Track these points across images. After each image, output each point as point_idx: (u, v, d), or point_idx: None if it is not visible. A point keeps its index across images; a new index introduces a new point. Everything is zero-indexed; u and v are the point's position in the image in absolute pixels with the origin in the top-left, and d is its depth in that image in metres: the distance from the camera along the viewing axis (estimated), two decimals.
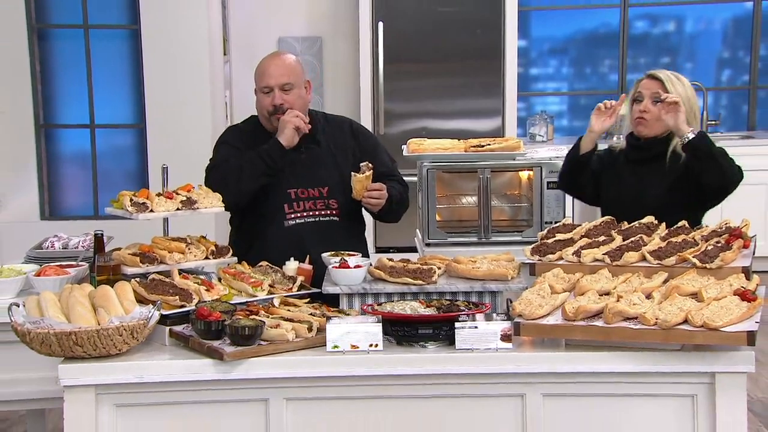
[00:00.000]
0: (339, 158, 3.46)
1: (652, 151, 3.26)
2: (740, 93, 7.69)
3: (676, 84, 3.20)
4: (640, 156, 3.29)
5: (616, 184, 3.31)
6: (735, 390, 2.42)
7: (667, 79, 3.21)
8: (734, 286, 2.51)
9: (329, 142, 3.47)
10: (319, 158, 3.41)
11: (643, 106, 3.22)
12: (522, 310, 2.50)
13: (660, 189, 3.20)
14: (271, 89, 3.36)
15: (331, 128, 3.52)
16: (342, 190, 3.39)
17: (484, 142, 3.82)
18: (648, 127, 3.23)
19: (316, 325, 2.55)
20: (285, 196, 3.38)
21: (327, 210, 3.41)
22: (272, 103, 3.36)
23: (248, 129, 3.53)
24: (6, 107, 6.37)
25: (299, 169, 3.38)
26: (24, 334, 2.44)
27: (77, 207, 6.88)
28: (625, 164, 3.32)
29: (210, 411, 2.49)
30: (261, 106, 3.41)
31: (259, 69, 3.43)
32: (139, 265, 2.88)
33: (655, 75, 3.24)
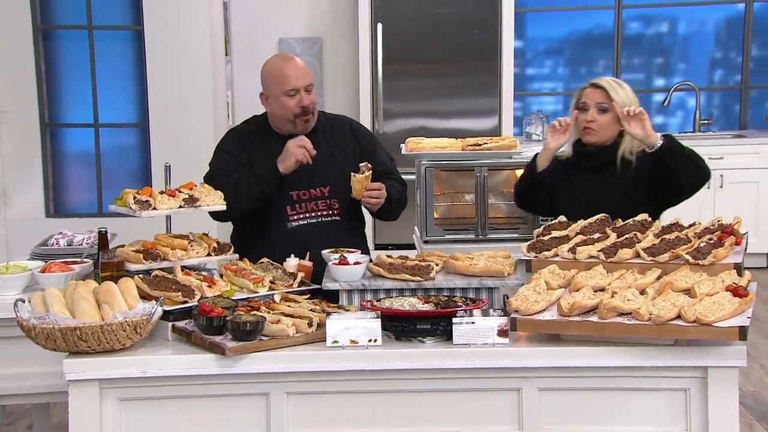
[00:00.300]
0: (339, 158, 3.46)
1: (603, 159, 3.28)
2: (732, 93, 7.72)
3: (619, 91, 3.23)
4: (590, 164, 3.30)
5: (569, 193, 3.31)
6: (727, 384, 2.43)
7: (610, 87, 3.23)
8: (726, 282, 2.52)
9: (330, 142, 3.48)
10: (320, 158, 3.40)
11: (590, 116, 3.24)
12: (518, 305, 2.51)
13: (614, 196, 3.21)
14: (297, 91, 3.33)
15: (332, 128, 3.52)
16: (343, 189, 3.39)
17: (481, 141, 3.84)
18: (596, 135, 3.25)
19: (316, 320, 2.55)
20: (288, 198, 3.39)
21: (329, 210, 3.43)
22: (300, 105, 3.34)
23: (250, 130, 3.52)
24: (12, 107, 6.40)
25: (301, 170, 3.37)
26: (29, 330, 2.45)
27: (82, 205, 6.91)
28: (576, 172, 3.32)
29: (212, 405, 2.50)
30: (285, 108, 3.35)
31: (275, 73, 3.38)
32: (143, 261, 2.91)
33: (598, 84, 3.26)
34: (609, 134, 3.26)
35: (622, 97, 3.23)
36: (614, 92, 3.23)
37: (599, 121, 3.24)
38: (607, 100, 3.23)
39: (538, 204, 3.43)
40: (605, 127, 3.24)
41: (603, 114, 3.24)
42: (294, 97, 3.34)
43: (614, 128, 3.26)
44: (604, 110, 3.23)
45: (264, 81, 3.43)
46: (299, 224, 3.39)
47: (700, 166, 3.18)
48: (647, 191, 3.22)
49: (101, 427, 2.45)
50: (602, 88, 3.24)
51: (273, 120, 3.46)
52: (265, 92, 3.43)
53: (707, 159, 3.34)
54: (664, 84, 7.70)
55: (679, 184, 3.17)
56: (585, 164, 3.30)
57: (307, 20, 7.36)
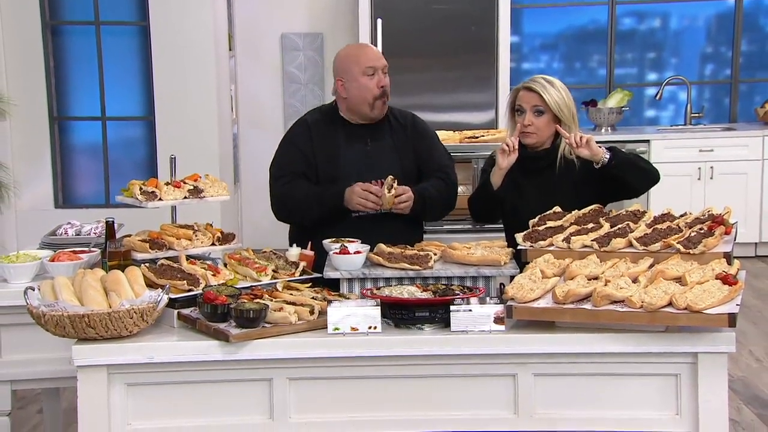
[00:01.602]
0: (401, 152, 3.45)
1: (545, 161, 3.29)
2: (722, 87, 7.75)
3: (551, 91, 3.22)
4: (533, 166, 3.30)
5: (517, 194, 3.30)
6: (717, 369, 2.46)
7: (542, 90, 3.21)
8: (716, 270, 2.54)
9: (393, 135, 3.46)
10: (383, 151, 3.41)
11: (527, 120, 3.23)
12: (514, 293, 2.53)
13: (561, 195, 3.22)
14: (375, 70, 3.32)
15: (397, 121, 3.49)
16: (404, 182, 3.37)
17: (478, 134, 3.87)
18: (534, 138, 3.26)
19: (317, 308, 2.58)
20: None
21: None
22: (379, 85, 3.33)
23: (316, 119, 3.47)
24: (21, 100, 6.44)
25: (366, 162, 3.38)
26: (39, 317, 2.48)
27: (89, 196, 6.94)
28: (519, 174, 3.29)
29: (216, 390, 2.52)
30: (366, 89, 3.33)
31: (352, 55, 3.37)
32: (149, 251, 2.94)
33: (531, 87, 3.24)
34: (546, 134, 3.26)
35: (555, 98, 3.22)
36: (547, 95, 3.21)
37: (536, 123, 3.24)
38: (541, 102, 3.22)
39: (493, 215, 3.42)
40: (542, 129, 3.24)
41: (539, 116, 3.23)
42: (373, 77, 3.33)
43: (551, 128, 3.26)
44: (540, 112, 3.23)
45: (340, 66, 3.39)
46: (362, 215, 3.36)
47: (648, 170, 3.23)
48: (595, 191, 3.24)
49: (109, 411, 2.48)
50: (535, 92, 3.23)
51: (349, 105, 3.41)
52: (341, 77, 3.37)
53: (697, 151, 3.38)
54: (656, 78, 7.72)
55: (630, 189, 3.22)
56: (527, 166, 3.29)
57: (309, 16, 7.39)
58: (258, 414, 2.54)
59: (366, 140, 3.43)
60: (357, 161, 3.38)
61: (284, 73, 7.42)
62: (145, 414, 2.53)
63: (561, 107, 3.22)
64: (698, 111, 7.44)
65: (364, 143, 3.42)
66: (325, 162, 3.39)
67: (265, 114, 7.47)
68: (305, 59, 7.40)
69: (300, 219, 3.38)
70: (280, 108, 7.45)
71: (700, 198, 6.70)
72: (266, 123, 7.42)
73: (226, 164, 6.78)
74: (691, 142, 6.86)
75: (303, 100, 7.38)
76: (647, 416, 2.53)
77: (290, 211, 3.39)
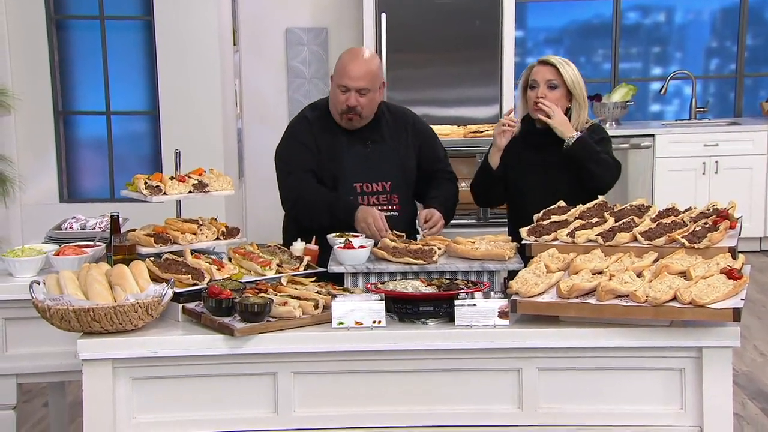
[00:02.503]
0: (401, 152, 3.47)
1: (552, 137, 3.31)
2: (727, 81, 7.74)
3: (567, 68, 3.29)
4: (539, 141, 3.34)
5: (519, 170, 3.35)
6: (721, 364, 2.45)
7: (559, 65, 3.28)
8: (721, 265, 2.54)
9: (392, 136, 3.47)
10: (383, 153, 3.43)
11: (540, 92, 3.29)
12: (518, 288, 2.52)
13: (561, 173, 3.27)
14: (348, 89, 3.33)
15: (394, 121, 3.51)
16: (403, 184, 3.42)
17: (483, 129, 3.88)
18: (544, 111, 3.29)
19: (322, 302, 2.58)
20: (351, 191, 3.39)
21: (389, 205, 3.42)
22: (346, 103, 3.34)
23: (315, 116, 3.49)
24: (26, 95, 6.45)
25: (365, 164, 3.39)
26: (44, 311, 2.48)
27: (94, 190, 6.95)
28: (525, 150, 3.35)
29: (221, 384, 2.53)
30: (336, 100, 3.38)
31: (340, 64, 3.39)
32: (153, 245, 2.95)
33: (548, 60, 3.31)
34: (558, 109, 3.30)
35: (571, 75, 3.29)
36: (563, 69, 3.28)
37: (549, 96, 3.29)
38: (556, 77, 3.28)
39: (498, 198, 3.46)
40: (555, 102, 3.29)
41: (552, 90, 3.29)
42: (344, 93, 3.34)
43: (562, 103, 3.31)
44: (554, 87, 3.29)
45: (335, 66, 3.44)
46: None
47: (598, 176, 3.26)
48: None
49: (114, 404, 2.49)
50: (552, 65, 3.30)
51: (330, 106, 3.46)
52: (332, 76, 3.43)
53: (702, 146, 3.40)
54: (661, 72, 7.72)
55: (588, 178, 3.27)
56: (534, 142, 3.35)
57: (313, 10, 7.39)
58: (262, 408, 2.55)
59: (366, 142, 3.44)
60: (358, 162, 3.40)
61: (288, 67, 7.42)
62: (150, 407, 2.54)
63: (574, 83, 3.29)
64: (703, 105, 7.43)
65: (364, 145, 3.43)
66: (328, 161, 3.41)
67: (269, 109, 7.47)
68: (309, 54, 7.40)
69: (309, 222, 3.36)
70: (284, 103, 7.45)
71: (704, 192, 6.70)
72: (270, 118, 7.43)
73: (230, 159, 6.79)
74: (695, 136, 6.86)
75: (307, 94, 7.38)
76: (651, 411, 2.53)
77: (301, 211, 3.39)
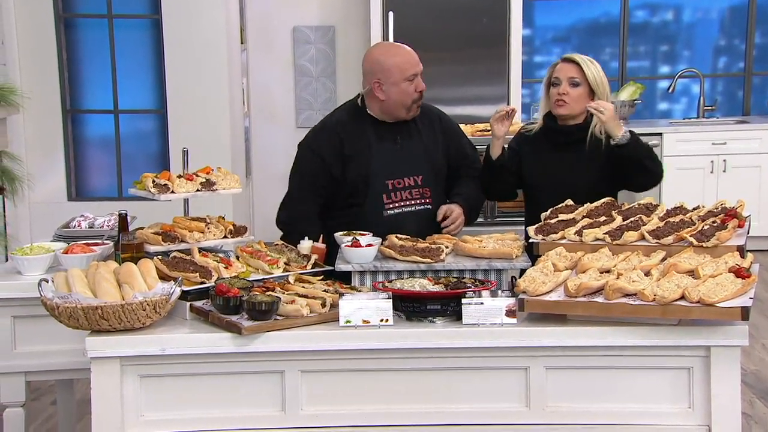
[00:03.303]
0: (430, 147, 3.48)
1: (574, 136, 3.31)
2: (736, 79, 7.73)
3: (591, 67, 3.28)
4: (561, 140, 3.33)
5: (537, 168, 3.36)
6: (729, 363, 2.45)
7: (583, 63, 3.27)
8: (729, 263, 2.54)
9: (420, 131, 3.49)
10: (412, 147, 3.44)
11: (562, 89, 3.27)
12: (526, 287, 2.53)
13: (582, 173, 3.26)
14: (416, 76, 3.36)
15: (423, 116, 3.52)
16: (434, 178, 3.43)
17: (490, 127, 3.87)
18: (567, 108, 3.29)
19: (329, 301, 2.58)
20: (384, 187, 3.40)
21: (422, 199, 3.43)
22: (418, 89, 3.36)
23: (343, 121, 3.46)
24: (35, 93, 6.47)
25: (396, 160, 3.40)
26: (53, 309, 2.49)
27: (102, 188, 6.97)
28: (546, 148, 3.35)
29: (229, 382, 2.53)
30: (406, 94, 3.35)
31: (392, 61, 3.36)
32: (161, 243, 2.95)
33: (572, 58, 3.30)
34: (580, 107, 3.29)
35: (594, 73, 3.27)
36: (587, 67, 3.27)
37: (571, 93, 3.27)
38: (579, 74, 3.27)
39: (504, 190, 3.46)
40: (577, 100, 3.28)
41: (575, 87, 3.27)
42: (413, 81, 3.36)
43: (584, 101, 3.29)
44: (576, 84, 3.27)
45: (377, 68, 3.37)
46: (395, 212, 3.39)
47: (653, 172, 3.24)
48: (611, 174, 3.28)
49: (122, 402, 2.50)
50: (575, 63, 3.28)
51: (385, 107, 3.41)
52: (378, 79, 3.36)
53: (710, 144, 3.39)
54: (669, 71, 7.71)
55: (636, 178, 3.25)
56: (556, 140, 3.34)
57: (320, 9, 7.39)
58: (270, 406, 2.55)
59: (395, 138, 3.44)
60: (388, 160, 3.41)
61: (296, 66, 7.43)
62: (158, 405, 2.54)
63: (598, 82, 3.27)
64: (711, 104, 7.42)
65: (394, 142, 3.44)
66: (357, 163, 3.40)
67: (276, 107, 7.48)
68: (317, 52, 7.41)
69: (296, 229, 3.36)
70: (291, 101, 7.46)
71: (713, 191, 6.69)
72: (278, 116, 7.44)
73: (237, 157, 6.81)
74: (704, 135, 6.84)
75: (314, 93, 7.39)
76: (659, 410, 2.53)
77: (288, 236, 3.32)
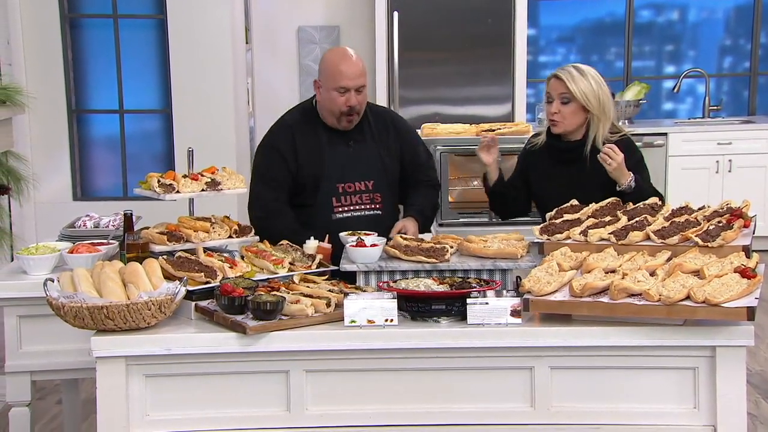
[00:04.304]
0: (383, 151, 3.47)
1: (574, 153, 3.29)
2: (741, 79, 7.71)
3: (578, 80, 3.20)
4: (562, 157, 3.32)
5: (546, 183, 3.35)
6: (735, 363, 2.45)
7: (568, 78, 3.21)
8: (735, 263, 2.54)
9: (374, 136, 3.48)
10: (365, 152, 3.43)
11: (555, 107, 3.24)
12: (531, 286, 2.53)
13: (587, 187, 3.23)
14: (347, 90, 3.32)
15: (376, 120, 3.51)
16: (385, 183, 3.43)
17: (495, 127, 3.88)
18: (561, 126, 3.27)
19: (334, 300, 2.58)
20: (333, 190, 3.40)
21: (372, 204, 3.44)
22: (347, 104, 3.33)
23: (296, 120, 3.49)
24: (40, 93, 6.47)
25: (347, 163, 3.40)
26: (58, 308, 2.50)
27: (107, 188, 6.98)
28: (551, 163, 3.34)
29: (234, 382, 2.54)
30: (333, 104, 3.34)
31: (331, 67, 3.35)
32: (167, 243, 2.95)
33: (558, 75, 3.24)
34: (575, 123, 3.26)
35: (582, 88, 3.20)
36: (573, 84, 3.20)
37: (563, 111, 3.24)
38: (568, 91, 3.22)
39: (516, 209, 3.46)
40: (569, 117, 3.25)
41: (566, 105, 3.24)
42: (344, 95, 3.33)
43: (579, 117, 3.25)
44: (567, 101, 3.23)
45: (320, 71, 3.42)
46: (343, 216, 3.40)
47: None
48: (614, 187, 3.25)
49: (128, 402, 2.50)
50: (562, 80, 3.23)
51: (321, 109, 3.45)
52: (319, 81, 3.41)
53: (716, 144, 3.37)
54: (674, 71, 7.70)
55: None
56: (559, 157, 3.33)
57: (325, 9, 7.39)
58: (275, 406, 2.56)
59: (348, 142, 3.45)
60: (340, 163, 3.41)
61: (301, 66, 7.44)
62: (163, 405, 2.55)
63: (588, 97, 3.21)
64: (717, 104, 7.40)
65: (346, 145, 3.44)
66: (309, 164, 3.42)
67: (281, 107, 7.37)
68: (321, 52, 7.39)
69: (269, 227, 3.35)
70: (296, 101, 7.37)
71: (718, 191, 6.67)
72: None
73: (242, 157, 6.81)
74: (709, 135, 6.83)
75: None
76: (665, 410, 2.53)
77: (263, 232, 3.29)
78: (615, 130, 3.32)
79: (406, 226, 3.34)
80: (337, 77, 3.32)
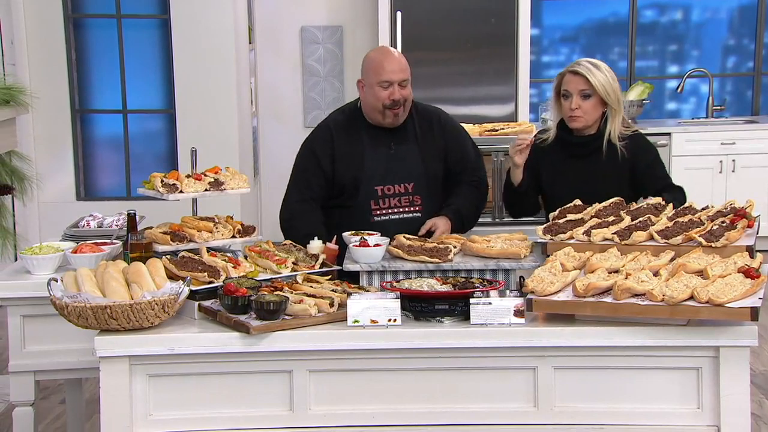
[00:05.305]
0: (427, 153, 3.45)
1: (589, 147, 3.29)
2: (745, 79, 7.69)
3: (597, 74, 3.22)
4: (577, 152, 3.32)
5: (558, 179, 3.34)
6: (738, 363, 2.45)
7: (587, 72, 3.22)
8: (738, 264, 2.54)
9: (417, 137, 3.46)
10: (407, 154, 3.42)
11: (574, 103, 3.24)
12: (534, 286, 2.53)
13: (601, 182, 3.24)
14: (391, 84, 3.31)
15: (422, 120, 3.49)
16: (427, 185, 3.41)
17: (498, 127, 3.87)
18: (582, 121, 3.27)
19: (337, 300, 2.59)
20: (372, 193, 3.39)
21: (411, 207, 3.42)
22: (391, 98, 3.32)
23: (339, 121, 3.48)
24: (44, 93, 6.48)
25: (388, 166, 3.39)
26: (62, 308, 2.51)
27: (111, 188, 6.97)
28: (563, 158, 3.34)
29: (237, 381, 2.54)
30: (376, 98, 3.33)
31: (373, 64, 3.36)
32: (170, 243, 2.96)
33: (577, 71, 3.24)
34: (594, 117, 3.28)
35: (602, 81, 3.23)
36: (593, 78, 3.22)
37: (583, 107, 3.25)
38: (588, 85, 3.23)
39: (528, 209, 3.45)
40: (590, 112, 3.26)
41: (586, 99, 3.24)
42: (387, 89, 3.32)
43: (598, 110, 3.27)
44: (587, 96, 3.24)
45: (363, 69, 3.42)
46: (382, 219, 3.39)
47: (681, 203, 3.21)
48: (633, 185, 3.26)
49: (131, 401, 2.51)
50: (581, 75, 3.24)
51: (365, 107, 3.44)
52: (362, 80, 3.41)
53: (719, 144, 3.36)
54: (677, 71, 7.67)
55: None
56: (572, 151, 3.32)
57: (328, 9, 7.39)
58: (278, 406, 2.56)
59: (389, 144, 3.43)
60: (380, 165, 3.40)
61: (304, 66, 7.44)
62: (167, 405, 2.55)
63: (608, 90, 3.23)
64: (720, 104, 7.39)
65: (388, 147, 3.42)
66: (347, 165, 3.40)
67: (284, 107, 7.49)
68: (325, 52, 7.41)
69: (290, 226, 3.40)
70: (299, 101, 7.46)
71: (721, 191, 6.66)
72: (286, 116, 7.44)
73: (246, 157, 6.81)
74: (712, 134, 6.81)
75: (322, 93, 7.39)
76: (668, 410, 2.53)
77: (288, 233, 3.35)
78: (626, 125, 3.35)
79: (436, 224, 3.32)
80: (380, 72, 3.32)
